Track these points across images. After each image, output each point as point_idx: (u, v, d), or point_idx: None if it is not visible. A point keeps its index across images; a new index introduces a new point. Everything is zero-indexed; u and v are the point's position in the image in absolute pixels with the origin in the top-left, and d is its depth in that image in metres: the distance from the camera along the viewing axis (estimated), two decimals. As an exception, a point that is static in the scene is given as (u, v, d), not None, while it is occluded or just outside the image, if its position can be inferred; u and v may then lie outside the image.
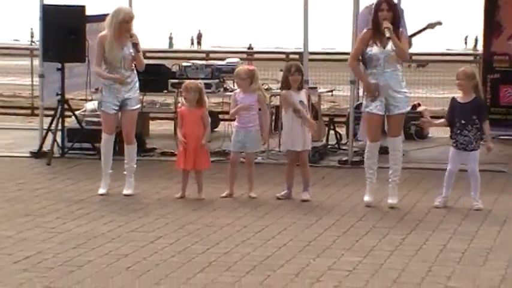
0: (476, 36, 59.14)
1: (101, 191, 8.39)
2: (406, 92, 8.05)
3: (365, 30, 8.10)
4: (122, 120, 8.54)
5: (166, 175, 9.22)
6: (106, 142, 8.47)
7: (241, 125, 8.36)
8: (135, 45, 8.30)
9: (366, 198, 8.04)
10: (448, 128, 8.08)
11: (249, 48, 43.71)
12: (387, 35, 7.79)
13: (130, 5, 11.54)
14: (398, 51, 7.86)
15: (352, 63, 8.15)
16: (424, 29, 10.44)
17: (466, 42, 66.16)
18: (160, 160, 10.22)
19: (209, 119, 8.44)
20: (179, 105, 8.70)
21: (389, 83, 7.91)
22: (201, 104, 8.33)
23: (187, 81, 8.68)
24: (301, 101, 8.23)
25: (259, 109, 8.45)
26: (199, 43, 65.15)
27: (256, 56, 19.65)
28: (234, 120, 8.56)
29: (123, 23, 8.23)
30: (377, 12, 7.92)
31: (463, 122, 7.84)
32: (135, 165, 8.47)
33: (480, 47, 9.63)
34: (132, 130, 8.46)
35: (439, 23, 10.40)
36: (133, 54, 8.30)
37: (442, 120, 8.09)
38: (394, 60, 7.92)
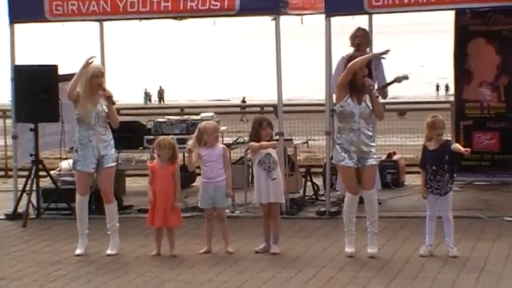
0: (447, 84, 59.96)
1: (78, 251, 8.30)
2: (375, 146, 8.17)
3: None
4: (98, 178, 8.49)
5: (144, 232, 9.14)
6: (80, 203, 8.39)
7: (209, 180, 8.31)
8: (109, 98, 8.27)
9: (348, 249, 8.02)
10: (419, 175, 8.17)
11: (243, 101, 43.23)
12: (376, 94, 8.05)
13: (103, 61, 11.59)
14: (379, 111, 8.11)
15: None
16: (392, 82, 10.55)
17: (438, 90, 66.94)
18: (137, 217, 10.14)
19: (179, 176, 8.37)
20: (150, 160, 8.66)
21: (363, 137, 7.99)
22: (174, 161, 8.31)
23: (160, 137, 8.66)
24: (268, 154, 8.25)
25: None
26: (161, 99, 65.30)
27: (230, 109, 19.72)
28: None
29: (93, 78, 8.26)
30: (356, 70, 8.03)
31: (434, 168, 7.91)
32: (117, 224, 8.38)
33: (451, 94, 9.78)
34: (110, 189, 8.39)
35: (406, 77, 10.52)
36: (106, 111, 8.29)
37: (422, 174, 8.13)
38: (368, 116, 8.03)
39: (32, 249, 8.71)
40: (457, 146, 8.06)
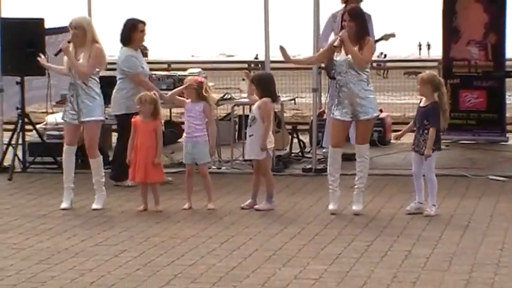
0: (428, 42, 59.87)
1: (63, 205, 8.29)
2: (373, 98, 8.03)
3: (335, 37, 8.17)
4: (83, 132, 8.43)
5: (130, 187, 9.15)
6: (65, 154, 8.34)
7: (187, 135, 8.31)
8: (59, 50, 8.12)
9: (331, 206, 8.04)
10: (410, 135, 8.17)
11: (255, 58, 42.46)
12: (335, 44, 7.89)
13: (89, 15, 11.48)
14: (353, 57, 7.90)
15: (315, 61, 8.21)
16: (379, 40, 10.51)
17: (420, 49, 66.86)
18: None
19: (161, 132, 8.33)
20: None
21: (354, 89, 7.94)
22: (156, 117, 8.27)
23: (142, 92, 8.59)
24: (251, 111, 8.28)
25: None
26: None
27: (218, 65, 19.65)
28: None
29: (70, 30, 8.24)
30: (342, 22, 7.98)
31: (417, 125, 7.94)
32: (102, 179, 8.34)
33: (433, 53, 9.80)
34: (91, 143, 8.29)
35: (393, 35, 10.49)
36: (84, 63, 8.18)
37: (408, 125, 8.15)
38: (355, 67, 7.94)
39: (18, 202, 8.71)
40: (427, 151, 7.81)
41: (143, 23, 9.30)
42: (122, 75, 9.30)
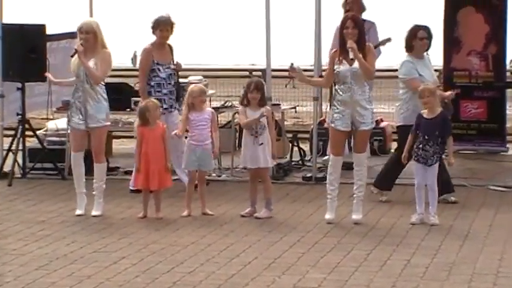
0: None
1: (78, 212, 8.26)
2: (372, 109, 8.10)
3: (333, 51, 8.19)
4: (90, 138, 8.43)
5: (130, 194, 9.15)
6: (74, 161, 8.35)
7: (197, 142, 8.31)
8: (75, 52, 8.11)
9: (327, 216, 8.04)
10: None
11: (291, 66, 41.17)
12: (351, 56, 7.86)
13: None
14: (364, 71, 7.91)
15: (326, 84, 8.47)
16: (376, 46, 10.50)
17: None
18: (124, 179, 10.13)
19: (167, 136, 8.37)
20: (136, 123, 8.52)
21: (356, 99, 7.95)
22: (158, 122, 8.29)
23: (144, 101, 8.56)
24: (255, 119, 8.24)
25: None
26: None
27: (219, 73, 19.67)
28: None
29: (79, 34, 8.20)
30: (342, 29, 7.97)
31: (426, 137, 7.91)
32: (104, 185, 8.36)
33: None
34: (99, 149, 8.31)
35: (389, 40, 10.49)
36: (95, 67, 8.17)
37: (409, 140, 8.09)
38: (361, 77, 7.96)
39: (17, 208, 8.71)
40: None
41: (424, 29, 8.85)
42: (401, 83, 8.89)
